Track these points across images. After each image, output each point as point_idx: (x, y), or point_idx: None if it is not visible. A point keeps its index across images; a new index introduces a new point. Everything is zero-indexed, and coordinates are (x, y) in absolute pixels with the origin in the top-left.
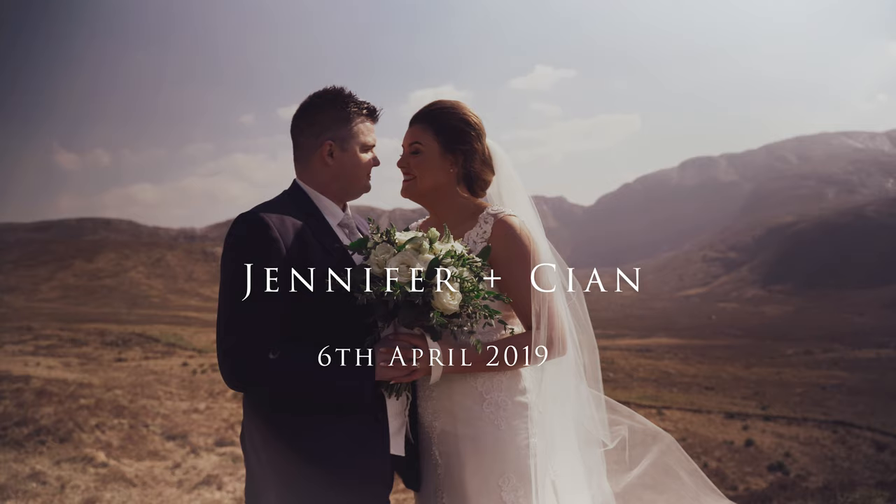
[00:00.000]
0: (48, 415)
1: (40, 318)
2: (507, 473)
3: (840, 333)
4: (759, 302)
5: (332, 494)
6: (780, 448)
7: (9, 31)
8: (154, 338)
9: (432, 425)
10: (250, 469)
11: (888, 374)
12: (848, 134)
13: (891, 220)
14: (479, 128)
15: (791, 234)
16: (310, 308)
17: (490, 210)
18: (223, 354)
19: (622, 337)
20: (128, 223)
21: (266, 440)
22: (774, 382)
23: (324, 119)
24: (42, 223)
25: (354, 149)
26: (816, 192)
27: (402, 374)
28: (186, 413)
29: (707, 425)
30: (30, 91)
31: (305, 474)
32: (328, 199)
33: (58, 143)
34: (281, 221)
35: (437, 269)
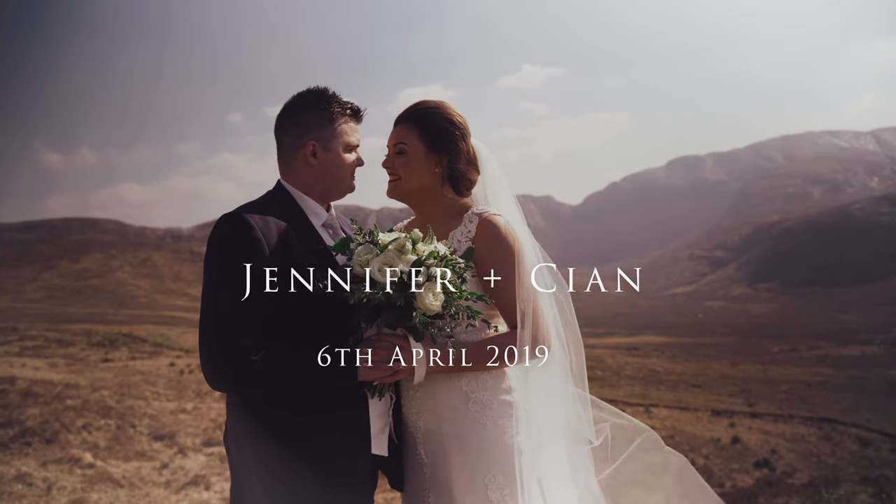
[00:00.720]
0: (34, 416)
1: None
2: (492, 472)
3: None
4: (746, 300)
5: (316, 494)
6: (767, 445)
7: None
8: (141, 338)
9: (417, 425)
10: (234, 469)
11: (873, 371)
12: (834, 133)
13: (876, 219)
14: (463, 127)
15: (777, 232)
16: (293, 309)
17: (475, 209)
18: (205, 356)
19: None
20: (114, 223)
21: (250, 440)
22: (761, 380)
23: (307, 119)
24: (27, 223)
25: (338, 149)
26: (802, 190)
27: (385, 374)
28: (174, 413)
29: (694, 423)
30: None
31: (290, 474)
32: (312, 199)
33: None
34: (264, 222)
35: (420, 270)
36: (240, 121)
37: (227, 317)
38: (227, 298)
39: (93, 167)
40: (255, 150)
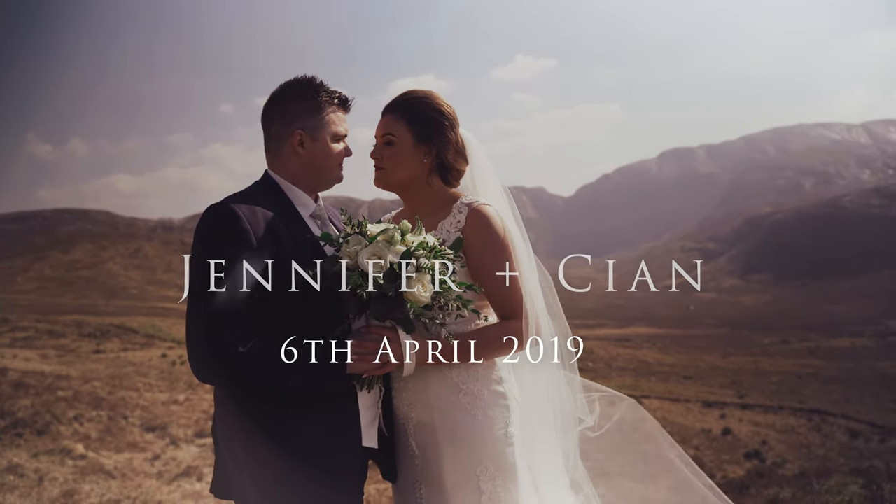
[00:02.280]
0: (25, 407)
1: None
2: (484, 463)
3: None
4: (737, 292)
5: (306, 487)
6: (757, 436)
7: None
8: (132, 329)
9: (408, 416)
10: (221, 460)
11: (863, 362)
12: (825, 126)
13: (867, 211)
14: (452, 117)
15: (769, 224)
16: (280, 300)
17: (464, 199)
18: (192, 348)
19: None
20: (105, 214)
21: (238, 432)
22: (751, 371)
23: (294, 108)
24: (18, 214)
25: (325, 138)
26: (794, 183)
27: (374, 367)
28: (166, 404)
29: (685, 414)
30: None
31: (278, 465)
32: (300, 189)
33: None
34: (251, 212)
35: (409, 261)
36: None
37: (214, 309)
38: (214, 290)
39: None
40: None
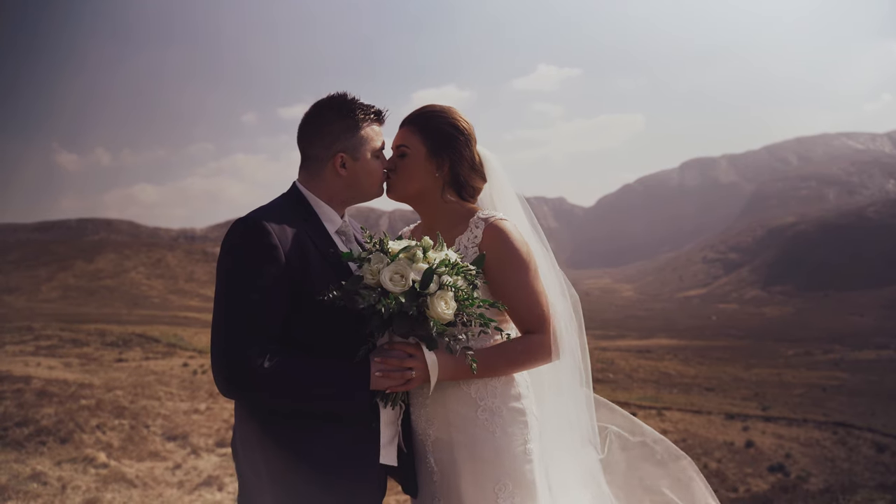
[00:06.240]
0: (49, 415)
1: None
2: (503, 480)
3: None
4: (760, 303)
5: (325, 501)
6: (781, 449)
7: (8, 31)
8: (154, 338)
9: (427, 433)
10: (242, 475)
11: (888, 375)
12: (849, 135)
13: (892, 221)
14: (468, 133)
15: (792, 235)
16: (306, 316)
17: (480, 214)
18: (217, 361)
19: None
20: (128, 223)
21: (259, 447)
22: (775, 383)
23: (332, 129)
24: (42, 223)
25: (366, 156)
26: (817, 192)
27: (398, 383)
28: (187, 414)
29: (707, 426)
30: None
31: (299, 481)
32: (328, 205)
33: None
34: (281, 229)
35: (432, 278)
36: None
37: (239, 324)
38: (240, 305)
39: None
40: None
